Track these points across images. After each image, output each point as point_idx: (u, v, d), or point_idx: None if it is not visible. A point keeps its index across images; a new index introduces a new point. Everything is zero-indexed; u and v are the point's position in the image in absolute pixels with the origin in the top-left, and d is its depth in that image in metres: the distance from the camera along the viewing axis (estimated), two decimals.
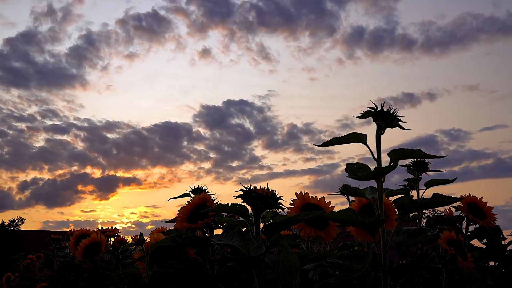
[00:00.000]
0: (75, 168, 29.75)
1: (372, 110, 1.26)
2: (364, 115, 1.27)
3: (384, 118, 1.25)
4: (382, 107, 1.25)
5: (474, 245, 1.86)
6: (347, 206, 2.22)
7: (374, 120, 1.27)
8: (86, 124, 30.37)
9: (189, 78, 34.90)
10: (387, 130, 1.28)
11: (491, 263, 2.30)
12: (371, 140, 1.30)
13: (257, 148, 30.79)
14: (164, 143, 30.64)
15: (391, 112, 1.25)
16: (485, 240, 1.92)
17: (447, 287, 1.63)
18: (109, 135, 30.75)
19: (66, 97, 31.10)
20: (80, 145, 30.24)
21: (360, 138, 1.30)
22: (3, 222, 21.12)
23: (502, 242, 1.92)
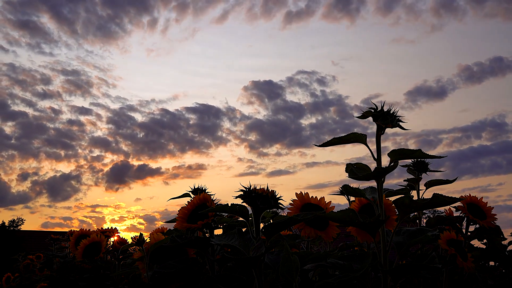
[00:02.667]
0: (94, 155, 27.28)
1: (372, 111, 1.26)
2: (364, 116, 1.28)
3: (384, 118, 1.26)
4: (382, 107, 1.26)
5: (474, 245, 1.86)
6: (347, 206, 2.22)
7: (374, 120, 1.28)
8: (115, 105, 27.33)
9: (244, 39, 29.34)
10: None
11: (491, 263, 2.30)
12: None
13: (305, 129, 26.83)
14: (198, 126, 27.45)
15: (391, 112, 1.26)
16: (485, 240, 1.92)
17: (447, 287, 1.63)
18: (137, 117, 27.50)
19: (98, 66, 27.81)
20: (101, 129, 27.49)
21: (360, 138, 1.30)
22: (3, 222, 21.12)
23: (502, 242, 1.92)
